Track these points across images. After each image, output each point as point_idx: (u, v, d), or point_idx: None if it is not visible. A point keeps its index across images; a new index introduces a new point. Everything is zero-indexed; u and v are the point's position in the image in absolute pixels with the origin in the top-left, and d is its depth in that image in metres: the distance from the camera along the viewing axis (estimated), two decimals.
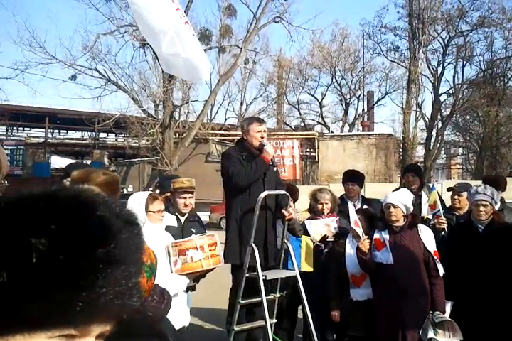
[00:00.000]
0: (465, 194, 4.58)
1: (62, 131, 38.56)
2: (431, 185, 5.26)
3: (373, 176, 26.02)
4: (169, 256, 3.34)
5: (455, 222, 4.65)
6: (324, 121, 38.32)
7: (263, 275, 3.88)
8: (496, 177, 5.33)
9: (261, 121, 4.45)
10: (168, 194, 4.49)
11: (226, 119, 36.33)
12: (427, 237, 4.14)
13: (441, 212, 4.59)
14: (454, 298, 4.08)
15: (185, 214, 4.33)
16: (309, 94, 38.63)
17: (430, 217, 4.68)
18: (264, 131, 4.37)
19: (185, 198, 4.27)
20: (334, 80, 37.60)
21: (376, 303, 4.11)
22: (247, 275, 3.96)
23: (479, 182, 4.51)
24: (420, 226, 4.22)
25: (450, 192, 4.95)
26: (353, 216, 4.24)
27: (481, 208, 4.10)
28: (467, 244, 4.07)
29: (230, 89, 35.76)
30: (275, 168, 4.42)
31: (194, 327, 5.45)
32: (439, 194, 5.08)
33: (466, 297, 3.99)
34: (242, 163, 4.18)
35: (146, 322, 1.63)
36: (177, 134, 27.17)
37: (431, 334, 3.83)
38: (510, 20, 32.36)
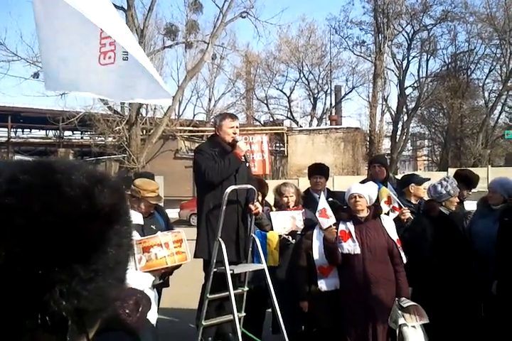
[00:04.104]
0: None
1: (25, 129, 37.67)
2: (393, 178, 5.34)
3: (341, 169, 26.33)
4: (134, 253, 3.30)
5: (417, 209, 4.75)
6: (293, 116, 38.52)
7: (230, 270, 3.88)
8: (468, 174, 5.44)
9: (234, 117, 4.47)
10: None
11: (194, 115, 36.15)
12: (390, 226, 4.25)
13: (399, 203, 4.66)
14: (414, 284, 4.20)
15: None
16: (277, 89, 38.78)
17: (387, 211, 4.72)
18: (237, 126, 4.39)
19: (150, 206, 4.23)
20: (302, 75, 37.82)
21: (344, 293, 4.16)
22: (215, 269, 3.96)
23: (444, 173, 4.63)
24: (382, 215, 4.33)
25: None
26: (322, 205, 4.29)
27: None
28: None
29: (198, 84, 35.60)
30: (247, 164, 4.43)
31: (165, 324, 5.42)
32: (397, 183, 5.20)
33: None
34: (214, 158, 4.18)
35: (117, 318, 1.60)
36: (144, 131, 26.83)
37: (401, 320, 3.92)
38: (473, 14, 33.08)
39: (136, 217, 4.09)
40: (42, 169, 0.68)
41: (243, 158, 4.27)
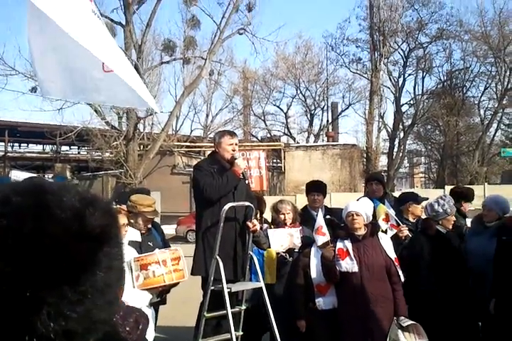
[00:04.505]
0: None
1: (22, 144, 37.61)
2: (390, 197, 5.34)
3: (338, 186, 26.34)
4: (131, 271, 3.29)
5: (415, 227, 4.75)
6: (290, 132, 38.68)
7: (228, 288, 3.86)
8: (464, 191, 5.58)
9: (233, 135, 4.51)
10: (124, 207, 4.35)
11: (192, 131, 36.21)
12: (387, 244, 4.24)
13: (397, 221, 4.66)
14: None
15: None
16: (275, 105, 39.04)
17: (385, 229, 4.72)
18: (236, 144, 4.42)
19: (147, 221, 4.23)
20: (299, 91, 38.11)
21: (341, 311, 4.13)
22: (212, 287, 3.94)
23: (441, 191, 4.68)
24: (380, 234, 4.33)
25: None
26: (319, 223, 4.28)
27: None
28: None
29: (196, 100, 35.75)
30: (246, 181, 4.44)
31: None
32: (395, 201, 5.22)
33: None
34: (213, 175, 4.19)
35: (118, 336, 1.58)
36: (141, 146, 26.85)
37: (402, 339, 3.89)
38: (468, 32, 33.51)
39: (134, 234, 4.09)
40: (34, 190, 0.70)
41: (241, 175, 4.28)
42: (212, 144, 4.58)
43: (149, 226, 4.31)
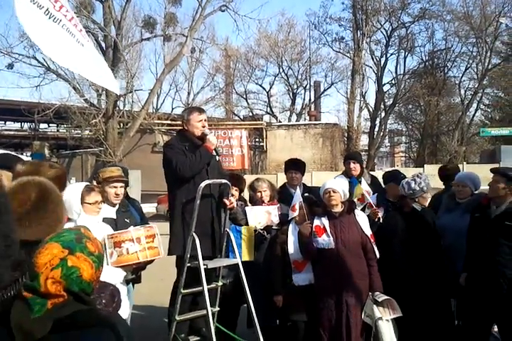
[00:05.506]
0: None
1: None
2: (363, 179, 5.34)
3: (320, 165, 26.46)
4: (105, 248, 3.26)
5: (390, 206, 4.78)
6: (272, 111, 38.52)
7: (204, 264, 3.86)
8: (450, 168, 5.62)
9: (201, 111, 4.42)
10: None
11: (173, 109, 35.82)
12: (364, 221, 4.30)
13: (372, 201, 4.68)
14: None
15: (115, 204, 4.20)
16: (257, 83, 38.70)
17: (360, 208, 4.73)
18: (205, 120, 4.33)
19: (115, 187, 4.15)
20: (281, 70, 37.80)
21: (318, 287, 4.19)
22: (189, 264, 3.93)
23: (420, 169, 4.74)
24: (356, 211, 4.37)
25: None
26: (296, 200, 4.30)
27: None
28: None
29: (177, 78, 35.31)
30: (218, 158, 4.39)
31: (138, 319, 5.38)
32: (377, 180, 5.24)
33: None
34: (185, 153, 4.12)
35: (96, 313, 1.58)
36: (121, 124, 26.55)
37: (378, 314, 3.96)
38: (450, 12, 33.47)
39: (109, 211, 4.04)
40: None
41: (214, 151, 4.23)
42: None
43: (121, 196, 4.20)
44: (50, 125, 36.02)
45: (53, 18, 4.30)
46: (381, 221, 4.50)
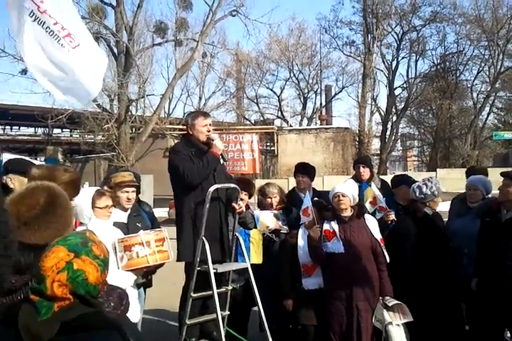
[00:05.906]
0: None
1: (14, 127, 37.35)
2: (373, 182, 5.34)
3: (331, 169, 26.42)
4: (116, 251, 3.29)
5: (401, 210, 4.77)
6: (283, 115, 38.57)
7: (214, 268, 3.87)
8: (478, 168, 5.62)
9: (206, 115, 4.36)
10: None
11: (185, 114, 36.00)
12: (373, 226, 4.29)
13: (384, 204, 4.67)
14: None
15: (127, 209, 4.22)
16: (268, 88, 38.85)
17: (371, 211, 4.73)
18: (210, 124, 4.28)
19: (127, 192, 4.16)
20: (292, 74, 37.91)
21: (327, 291, 4.18)
22: (199, 268, 3.94)
23: (433, 173, 4.71)
24: (366, 215, 4.37)
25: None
26: (305, 204, 4.31)
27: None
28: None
29: (188, 83, 35.57)
30: (225, 163, 4.38)
31: (149, 323, 5.40)
32: (387, 184, 5.24)
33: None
34: (191, 159, 4.09)
35: (102, 316, 1.61)
36: (133, 129, 26.73)
37: (388, 318, 3.94)
38: (461, 15, 33.30)
39: (120, 216, 4.08)
40: None
41: (220, 156, 4.18)
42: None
43: (132, 200, 4.23)
44: (64, 130, 36.36)
45: (38, 20, 4.21)
46: (393, 223, 4.49)
